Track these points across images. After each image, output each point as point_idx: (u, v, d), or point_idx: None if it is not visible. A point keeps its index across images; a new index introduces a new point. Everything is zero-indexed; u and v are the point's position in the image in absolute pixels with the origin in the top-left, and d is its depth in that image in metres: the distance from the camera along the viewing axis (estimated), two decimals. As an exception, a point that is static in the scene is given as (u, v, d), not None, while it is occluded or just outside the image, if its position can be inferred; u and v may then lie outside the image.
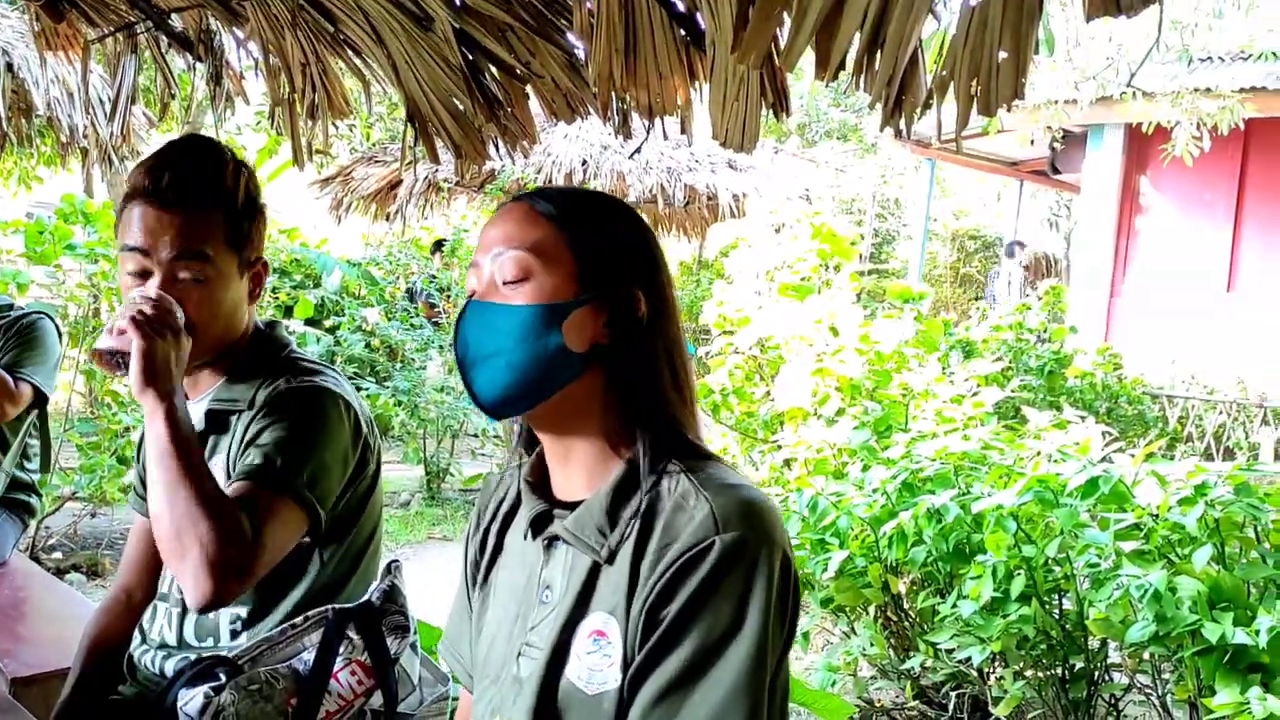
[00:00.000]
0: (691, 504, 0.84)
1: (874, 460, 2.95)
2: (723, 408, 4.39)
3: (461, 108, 1.77)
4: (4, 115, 3.13)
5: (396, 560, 1.38)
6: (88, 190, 7.83)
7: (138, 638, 1.42)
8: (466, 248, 6.66)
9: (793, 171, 9.80)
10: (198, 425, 1.32)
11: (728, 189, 8.97)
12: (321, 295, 7.02)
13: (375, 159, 9.54)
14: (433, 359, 6.00)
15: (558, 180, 8.30)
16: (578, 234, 0.90)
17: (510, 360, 0.88)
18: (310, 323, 6.17)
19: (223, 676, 1.23)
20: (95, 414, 3.88)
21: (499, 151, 1.86)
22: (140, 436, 1.54)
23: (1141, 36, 5.61)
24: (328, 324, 6.52)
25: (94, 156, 3.39)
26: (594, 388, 0.90)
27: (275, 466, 1.23)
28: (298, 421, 1.28)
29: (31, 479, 2.37)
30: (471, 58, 1.69)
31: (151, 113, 3.99)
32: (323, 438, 1.29)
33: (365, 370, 6.24)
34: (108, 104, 2.42)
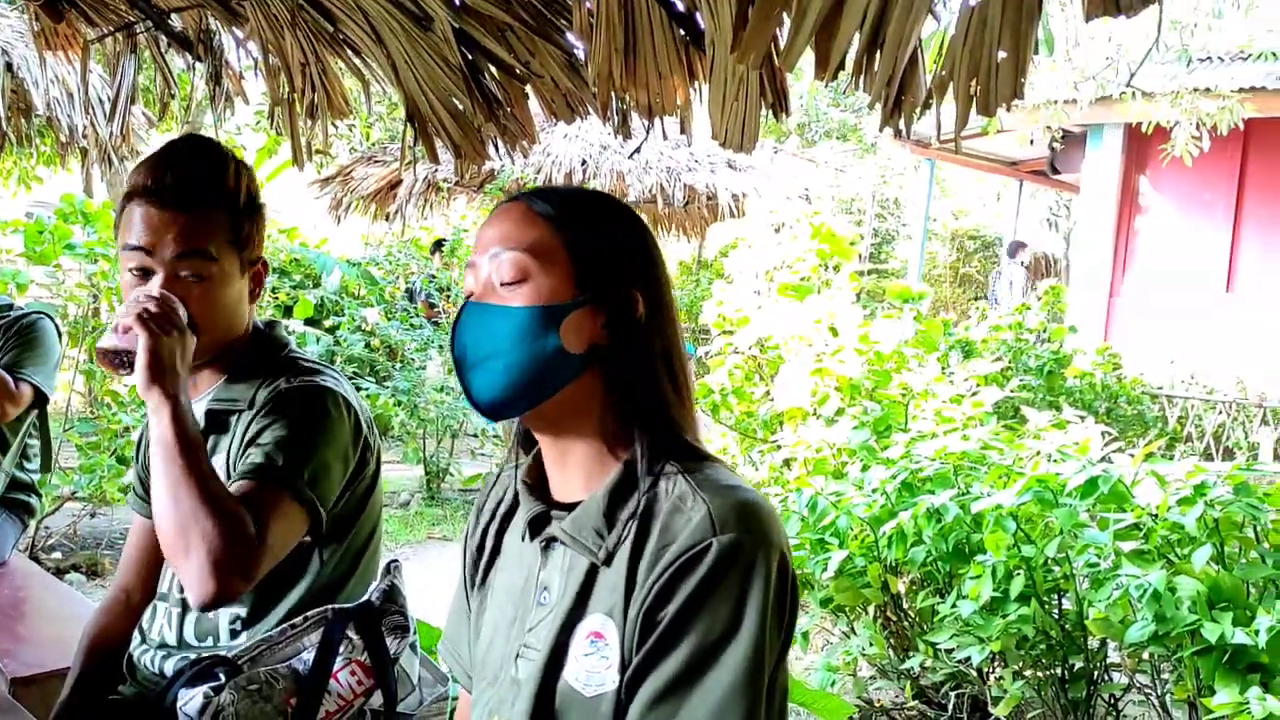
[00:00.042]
0: (689, 505, 0.84)
1: (873, 460, 2.94)
2: (722, 408, 4.38)
3: (461, 107, 1.77)
4: (3, 115, 3.12)
5: (396, 560, 1.37)
6: (87, 190, 7.82)
7: (137, 638, 1.41)
8: (466, 248, 6.66)
9: (792, 171, 9.80)
10: None
11: (727, 189, 8.97)
12: (321, 295, 7.01)
13: (375, 159, 9.54)
14: (432, 359, 5.99)
15: (557, 180, 8.30)
16: (575, 234, 0.90)
17: (508, 362, 0.88)
18: (310, 322, 6.17)
19: (222, 676, 1.23)
20: (95, 414, 3.87)
21: (498, 151, 1.86)
22: (139, 437, 1.54)
23: (1141, 36, 5.61)
24: (327, 324, 6.51)
25: (93, 156, 3.38)
26: (592, 389, 0.90)
27: (277, 465, 1.23)
28: (298, 421, 1.28)
29: (31, 479, 2.37)
30: (471, 57, 1.68)
31: (151, 113, 3.99)
32: (323, 437, 1.29)
33: (365, 370, 6.23)
34: (107, 104, 2.42)
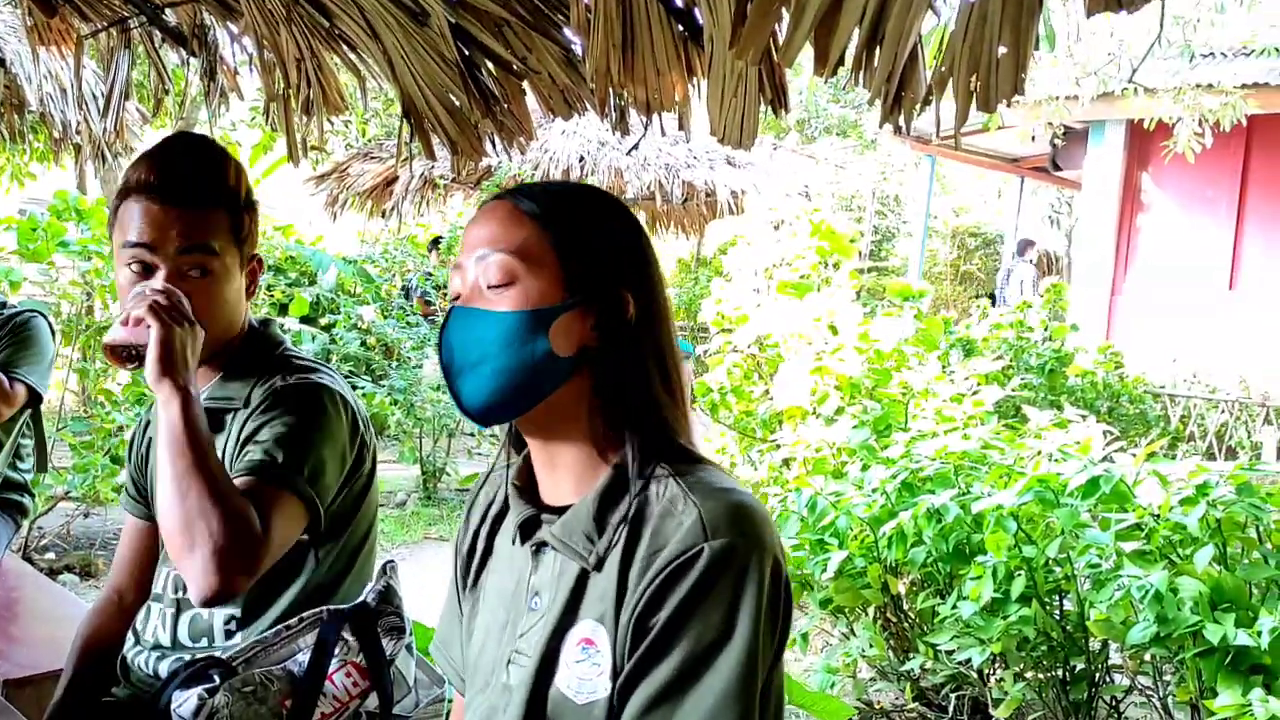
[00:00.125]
0: (680, 509, 0.82)
1: (873, 460, 2.94)
2: (721, 406, 4.37)
3: (458, 103, 1.76)
4: (-4, 111, 3.12)
5: (392, 561, 1.37)
6: (81, 186, 7.81)
7: (131, 639, 1.40)
8: (463, 245, 6.63)
9: (792, 168, 9.80)
10: None
11: (726, 186, 8.97)
12: (317, 293, 7.00)
13: (371, 155, 9.55)
14: (429, 357, 5.98)
15: (555, 177, 8.29)
16: (562, 234, 0.88)
17: (496, 367, 0.86)
18: (305, 320, 6.16)
19: (217, 678, 1.22)
20: (89, 413, 3.86)
21: (495, 148, 1.86)
22: (131, 436, 1.53)
23: (1143, 32, 5.59)
24: (323, 322, 6.51)
25: (87, 153, 3.37)
26: (581, 391, 0.88)
27: (277, 462, 1.22)
28: (296, 418, 1.28)
29: (24, 479, 2.36)
30: (468, 53, 1.68)
31: (145, 108, 3.97)
32: (321, 435, 1.29)
33: (361, 369, 6.22)
34: (101, 99, 2.41)
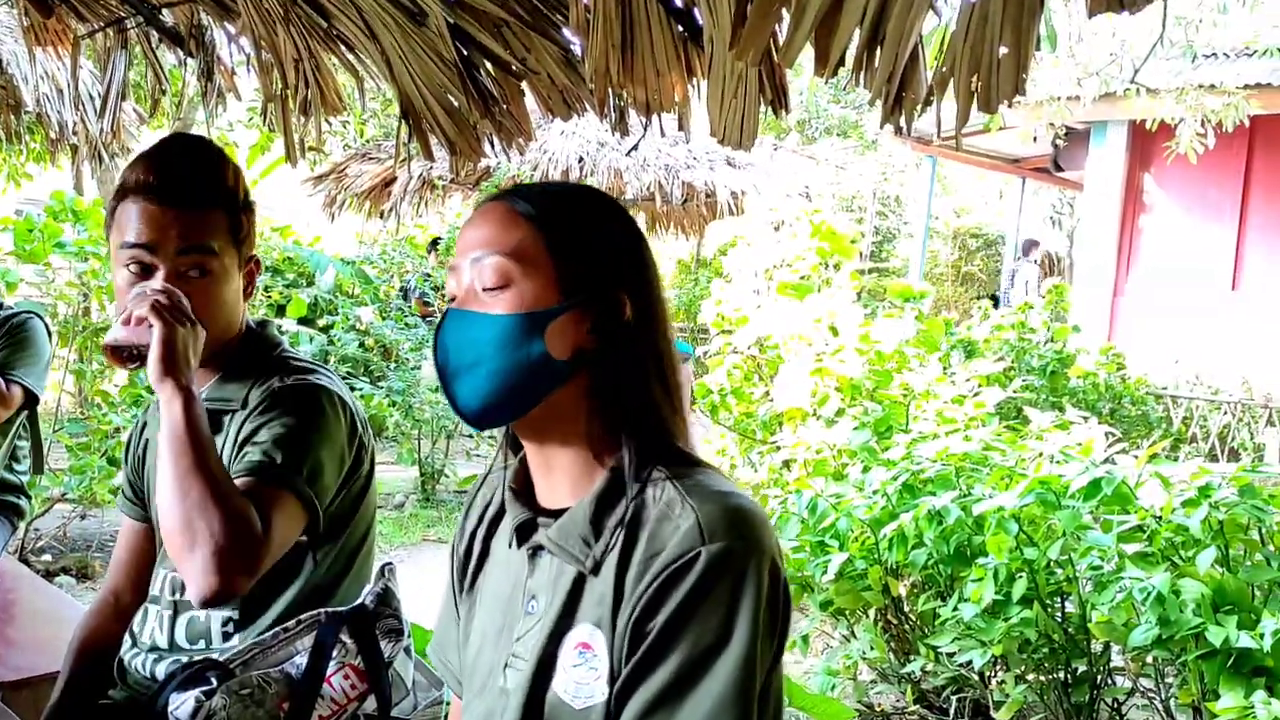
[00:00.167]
0: (677, 513, 0.82)
1: (874, 461, 2.94)
2: (721, 408, 4.37)
3: (456, 104, 1.77)
4: (-8, 112, 3.12)
5: (390, 563, 1.37)
6: (77, 187, 7.80)
7: (128, 641, 1.40)
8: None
9: (792, 169, 9.79)
10: None
11: (726, 186, 8.96)
12: (315, 294, 6.99)
13: (369, 156, 9.54)
14: (427, 359, 5.95)
15: (554, 178, 8.29)
16: (558, 236, 0.88)
17: (491, 370, 0.86)
18: (304, 322, 6.15)
19: (214, 680, 1.21)
20: (85, 414, 3.85)
21: (494, 148, 1.86)
22: (128, 438, 1.53)
23: (1145, 32, 5.58)
24: (321, 323, 6.50)
25: (84, 153, 3.38)
26: (578, 394, 0.88)
27: (276, 463, 1.22)
28: (295, 419, 1.27)
29: (20, 480, 2.36)
30: (466, 53, 1.68)
31: (142, 109, 3.97)
32: (320, 436, 1.28)
33: (359, 370, 6.21)
34: (97, 100, 2.41)
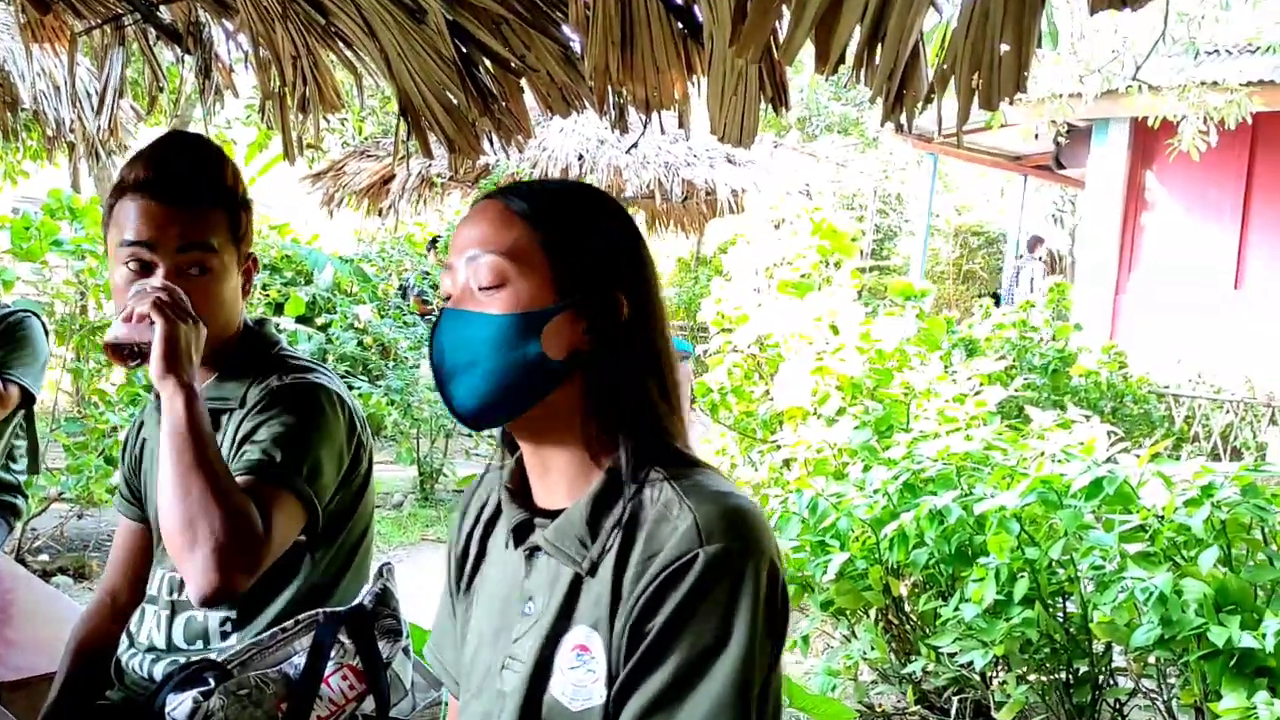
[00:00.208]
0: (674, 514, 0.82)
1: (875, 461, 2.93)
2: (721, 407, 4.36)
3: (455, 101, 1.76)
4: (-11, 109, 3.11)
5: (389, 563, 1.37)
6: (75, 185, 7.78)
7: (125, 641, 1.40)
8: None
9: (793, 166, 9.78)
10: None
11: (726, 184, 8.95)
12: (313, 292, 6.95)
13: (367, 153, 9.52)
14: (426, 357, 5.95)
15: (554, 175, 8.28)
16: (554, 235, 0.87)
17: (487, 370, 0.86)
18: (302, 320, 6.12)
19: (212, 681, 1.21)
20: (82, 413, 3.83)
21: (493, 146, 1.86)
22: (125, 437, 1.53)
23: (1147, 29, 5.57)
24: (319, 321, 6.47)
25: (81, 151, 3.37)
26: (575, 395, 0.87)
27: (275, 462, 1.22)
28: (294, 417, 1.27)
29: (17, 480, 2.36)
30: (465, 50, 1.67)
31: (139, 106, 3.95)
32: (319, 434, 1.28)
33: (358, 369, 6.19)
34: (95, 97, 2.41)
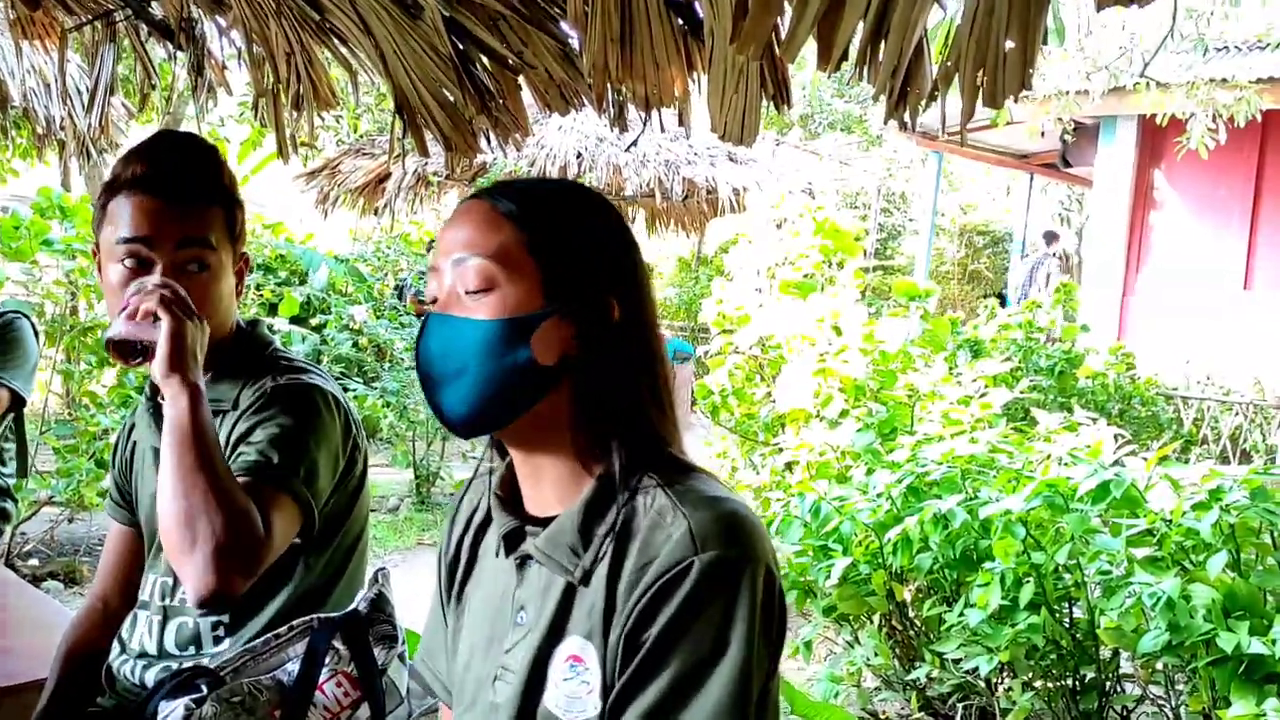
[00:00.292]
0: (669, 521, 0.80)
1: (878, 464, 2.93)
2: (722, 409, 4.35)
3: (451, 99, 1.76)
4: (-22, 106, 3.10)
5: (384, 568, 1.35)
6: (65, 184, 7.79)
7: (117, 647, 1.39)
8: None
9: (795, 164, 9.75)
10: None
11: (727, 183, 8.92)
12: (307, 292, 6.92)
13: (363, 151, 9.49)
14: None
15: (552, 174, 8.26)
16: (542, 238, 0.85)
17: (476, 378, 0.84)
18: (296, 321, 6.08)
19: (204, 688, 1.19)
20: (73, 416, 3.82)
21: (490, 144, 1.86)
22: (115, 440, 1.51)
23: (1155, 25, 5.56)
24: (314, 322, 6.43)
25: (71, 149, 3.36)
26: (565, 400, 0.85)
27: (273, 463, 1.21)
28: (290, 418, 1.26)
29: (6, 483, 2.35)
30: (462, 47, 1.67)
31: (131, 104, 3.93)
32: (315, 436, 1.27)
33: (353, 370, 6.17)
34: (85, 95, 2.40)
